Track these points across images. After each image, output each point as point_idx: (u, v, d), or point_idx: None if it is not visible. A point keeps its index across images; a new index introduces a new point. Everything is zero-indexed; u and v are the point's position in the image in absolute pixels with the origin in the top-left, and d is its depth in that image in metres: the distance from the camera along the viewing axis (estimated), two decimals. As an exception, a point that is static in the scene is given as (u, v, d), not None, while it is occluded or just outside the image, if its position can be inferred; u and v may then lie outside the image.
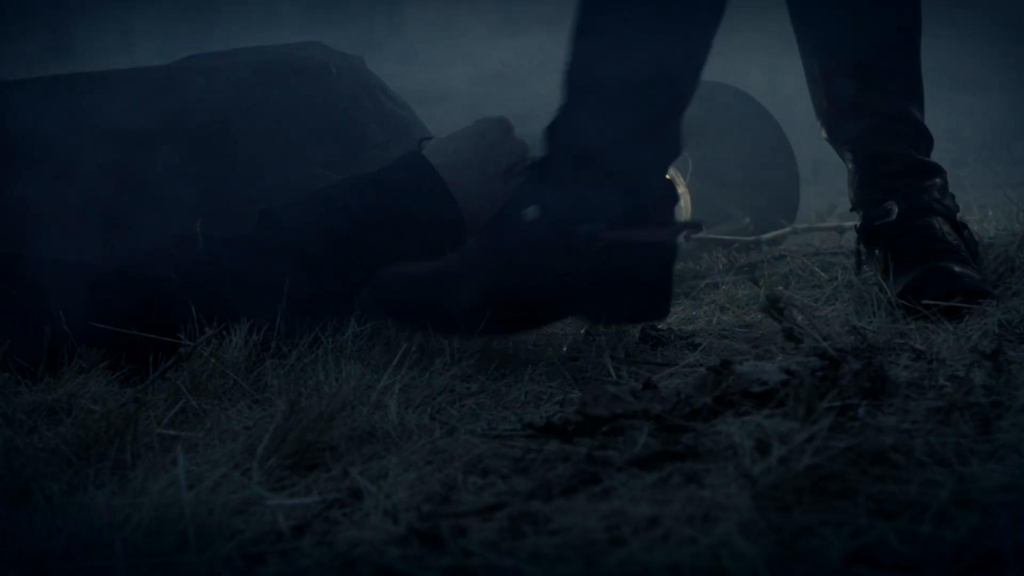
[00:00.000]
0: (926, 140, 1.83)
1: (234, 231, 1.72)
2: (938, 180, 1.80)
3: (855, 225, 1.84)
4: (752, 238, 2.05)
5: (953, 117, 3.75)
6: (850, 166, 1.84)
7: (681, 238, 1.91)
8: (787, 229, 2.11)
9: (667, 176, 1.55)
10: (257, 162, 1.87)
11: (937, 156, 1.80)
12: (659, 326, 1.67)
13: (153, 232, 1.77)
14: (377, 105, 2.03)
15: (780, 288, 1.76)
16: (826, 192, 2.78)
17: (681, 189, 2.09)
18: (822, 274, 1.86)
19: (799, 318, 1.52)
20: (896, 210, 1.73)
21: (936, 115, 3.86)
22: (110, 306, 1.52)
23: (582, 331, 1.65)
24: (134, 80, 1.95)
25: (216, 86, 1.93)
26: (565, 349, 1.58)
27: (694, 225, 1.60)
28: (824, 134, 1.88)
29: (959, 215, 1.80)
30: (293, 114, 1.95)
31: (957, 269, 1.65)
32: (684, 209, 2.10)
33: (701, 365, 1.48)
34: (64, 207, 1.76)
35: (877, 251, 1.73)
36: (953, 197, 1.82)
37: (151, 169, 1.82)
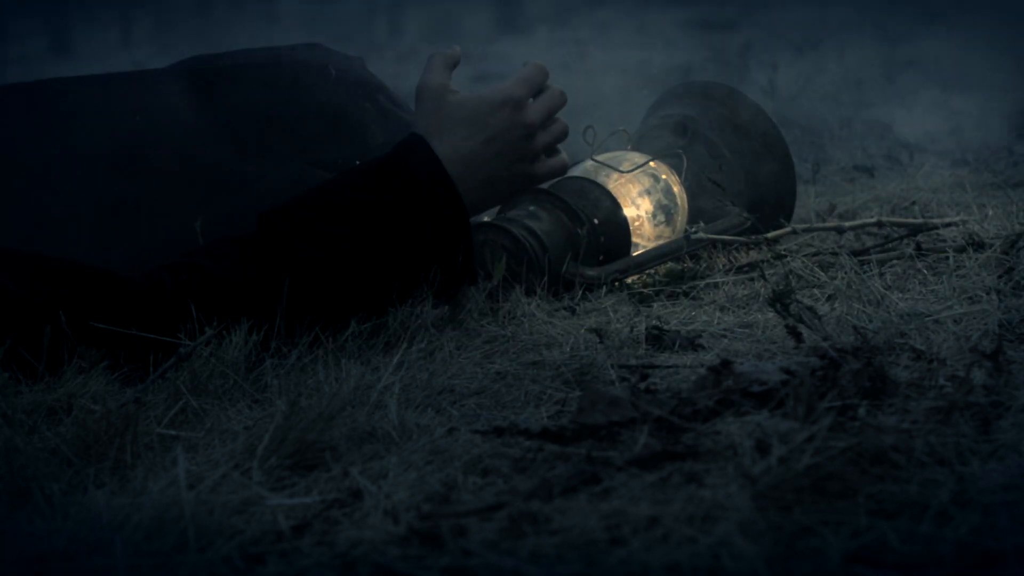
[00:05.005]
0: None
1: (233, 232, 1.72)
2: None
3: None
4: (752, 238, 2.04)
5: (953, 117, 3.75)
6: None
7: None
8: (787, 229, 2.10)
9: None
10: (257, 167, 1.87)
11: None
12: (661, 326, 1.67)
13: (151, 236, 1.77)
14: (377, 106, 2.03)
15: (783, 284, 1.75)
16: (826, 192, 2.77)
17: (677, 188, 2.09)
18: (822, 274, 1.86)
19: (804, 315, 1.52)
20: None
21: (936, 115, 3.87)
22: (107, 308, 1.52)
23: (583, 331, 1.65)
24: (131, 86, 1.94)
25: (213, 91, 1.93)
26: (568, 349, 1.58)
27: None
28: None
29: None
30: (293, 116, 1.94)
31: None
32: (681, 208, 2.10)
33: (701, 365, 1.48)
34: (65, 206, 1.76)
35: None
36: None
37: (142, 175, 1.81)
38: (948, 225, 2.10)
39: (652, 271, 2.00)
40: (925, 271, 1.86)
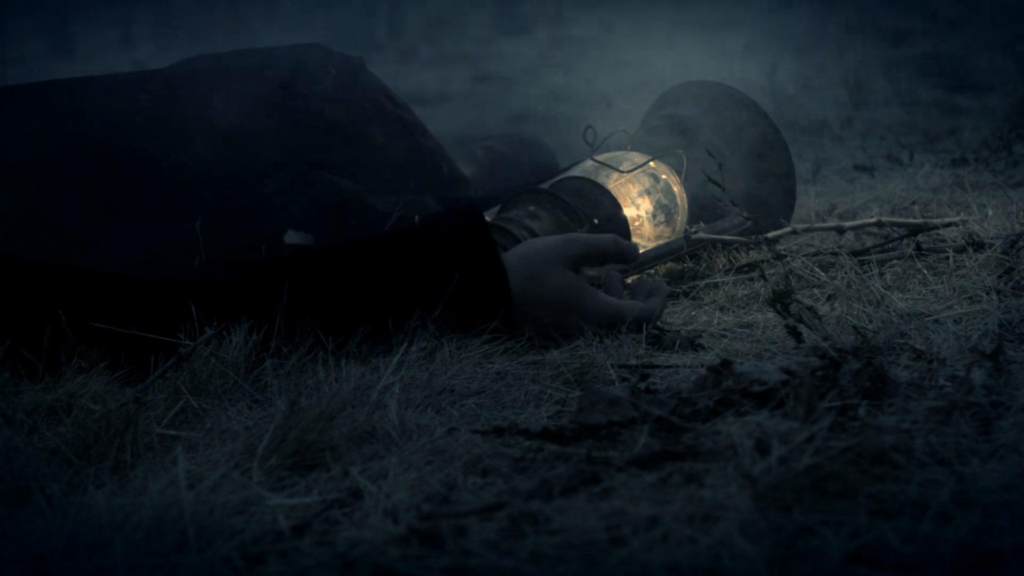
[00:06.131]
0: None
1: (265, 255, 1.70)
2: None
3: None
4: (752, 238, 2.05)
5: (953, 117, 3.75)
6: None
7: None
8: (787, 229, 2.10)
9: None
10: (257, 167, 1.87)
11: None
12: (661, 326, 1.67)
13: (152, 236, 1.77)
14: (377, 107, 2.03)
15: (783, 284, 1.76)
16: (826, 192, 2.77)
17: (677, 188, 2.09)
18: (822, 274, 1.86)
19: (804, 315, 1.52)
20: None
21: (936, 115, 3.86)
22: (107, 310, 1.51)
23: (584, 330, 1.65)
24: (131, 86, 1.95)
25: (213, 92, 1.93)
26: (568, 349, 1.58)
27: None
28: None
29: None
30: (293, 117, 1.94)
31: None
32: (681, 208, 2.10)
33: (701, 365, 1.48)
34: (60, 211, 1.76)
35: None
36: None
37: (143, 176, 1.81)
38: (948, 225, 2.10)
39: (652, 271, 2.00)
40: (925, 271, 1.86)
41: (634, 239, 2.02)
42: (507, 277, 1.60)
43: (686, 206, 2.10)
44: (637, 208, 2.03)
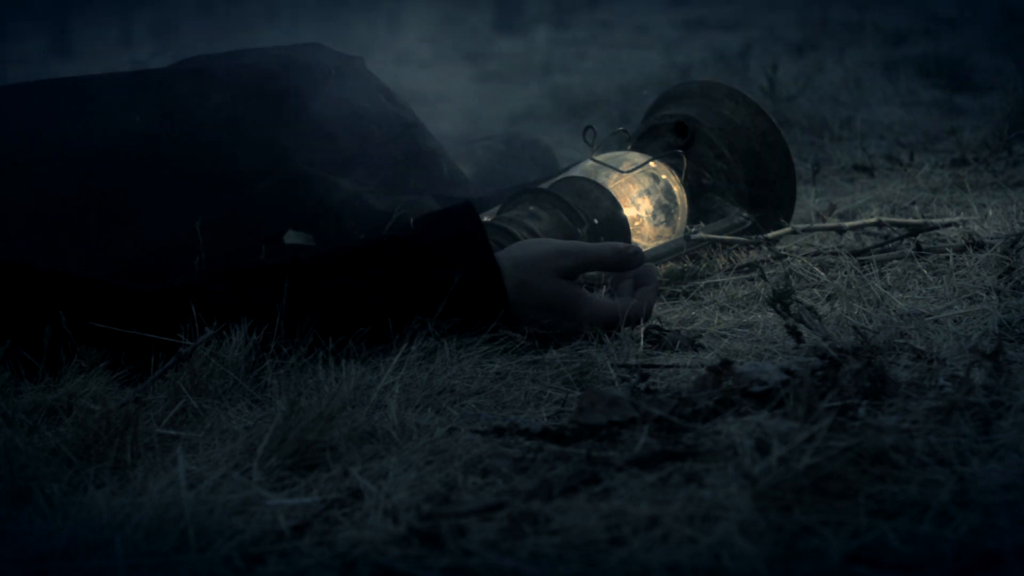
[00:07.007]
0: None
1: (255, 262, 1.69)
2: None
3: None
4: (752, 238, 2.04)
5: (953, 117, 3.74)
6: None
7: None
8: (787, 229, 2.10)
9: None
10: (256, 167, 1.87)
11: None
12: (661, 326, 1.67)
13: (152, 235, 1.77)
14: (377, 106, 2.03)
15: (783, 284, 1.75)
16: (826, 192, 2.77)
17: (677, 188, 2.09)
18: (822, 274, 1.86)
19: (804, 315, 1.52)
20: None
21: (936, 115, 3.85)
22: (105, 315, 1.51)
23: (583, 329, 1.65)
24: (130, 86, 1.94)
25: (213, 91, 1.93)
26: (568, 349, 1.58)
27: None
28: None
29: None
30: (292, 117, 1.94)
31: None
32: (681, 208, 2.10)
33: (701, 365, 1.48)
34: (50, 218, 1.76)
35: None
36: None
37: (143, 175, 1.81)
38: (948, 225, 2.10)
39: (652, 271, 2.00)
40: (925, 271, 1.86)
41: (634, 239, 2.02)
42: (502, 276, 1.59)
43: (686, 206, 2.10)
44: (637, 208, 2.03)
